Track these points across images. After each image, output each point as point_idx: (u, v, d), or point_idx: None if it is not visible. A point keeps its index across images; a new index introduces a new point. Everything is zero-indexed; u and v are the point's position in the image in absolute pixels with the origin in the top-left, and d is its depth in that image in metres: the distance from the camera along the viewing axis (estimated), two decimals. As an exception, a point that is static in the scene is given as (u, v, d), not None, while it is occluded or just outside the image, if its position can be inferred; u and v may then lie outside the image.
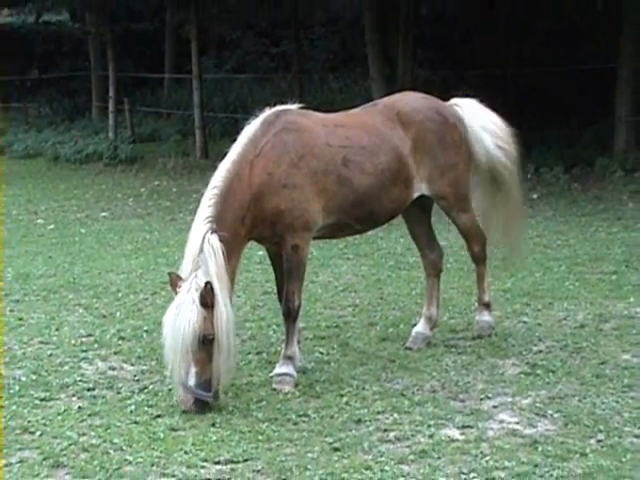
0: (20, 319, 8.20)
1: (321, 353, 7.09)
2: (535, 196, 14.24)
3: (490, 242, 7.45)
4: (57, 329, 7.89)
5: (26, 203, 15.64)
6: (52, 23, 27.37)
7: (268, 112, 6.54)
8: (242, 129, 6.52)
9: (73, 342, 7.50)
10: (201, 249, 5.98)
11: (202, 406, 5.93)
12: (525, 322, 7.76)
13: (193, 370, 5.90)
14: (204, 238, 6.00)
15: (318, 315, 8.15)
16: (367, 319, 7.98)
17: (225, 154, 6.39)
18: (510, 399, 6.07)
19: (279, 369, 6.44)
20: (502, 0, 19.66)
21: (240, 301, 8.63)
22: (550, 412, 5.80)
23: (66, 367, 6.90)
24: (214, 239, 5.99)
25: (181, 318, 5.87)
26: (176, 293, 6.01)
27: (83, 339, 7.59)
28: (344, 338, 7.47)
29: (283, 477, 5.05)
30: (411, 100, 7.25)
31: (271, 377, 6.45)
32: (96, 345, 7.44)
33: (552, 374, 6.48)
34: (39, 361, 7.03)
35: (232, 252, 6.11)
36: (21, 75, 30.15)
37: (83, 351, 7.28)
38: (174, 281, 6.06)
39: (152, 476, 5.09)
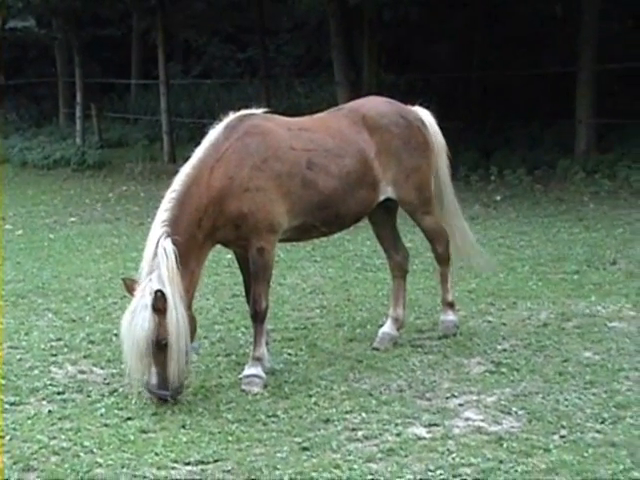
0: (-11, 325, 8.20)
1: (289, 354, 7.16)
2: (498, 198, 14.41)
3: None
4: (26, 334, 7.89)
5: (-7, 209, 15.59)
6: (18, 29, 27.18)
7: (232, 117, 6.59)
8: (208, 134, 6.58)
9: (43, 346, 7.51)
10: (155, 253, 6.06)
11: (165, 403, 6.06)
12: (490, 321, 7.86)
13: (153, 370, 6.04)
14: (158, 242, 6.07)
15: (286, 317, 8.21)
16: (334, 320, 8.05)
17: (189, 158, 6.45)
18: (475, 397, 6.15)
19: (248, 371, 6.48)
20: (463, 6, 19.87)
21: (209, 304, 8.69)
22: (514, 409, 5.89)
23: (36, 371, 6.91)
24: (167, 243, 6.06)
25: (135, 324, 5.98)
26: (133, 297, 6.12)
27: (53, 343, 7.60)
28: (312, 339, 7.53)
29: (253, 477, 5.09)
30: (376, 104, 7.34)
31: (240, 379, 6.50)
32: (66, 349, 7.45)
33: (516, 372, 6.58)
34: (8, 365, 7.03)
35: (189, 255, 6.18)
36: (-14, 81, 29.93)
37: (53, 355, 7.29)
38: (129, 286, 6.18)
39: (123, 478, 5.11)
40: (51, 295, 9.25)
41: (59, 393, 6.45)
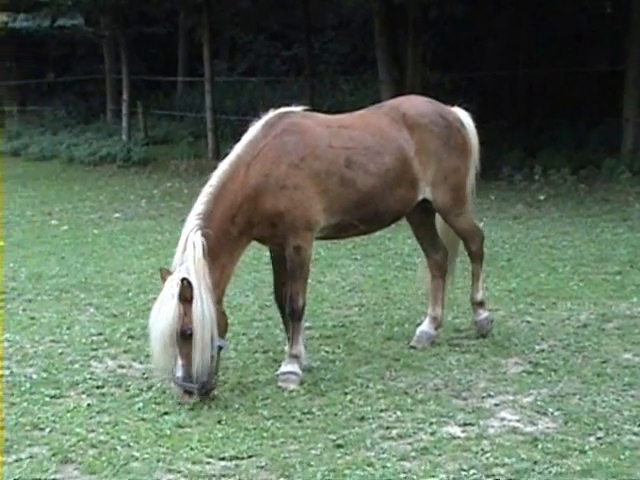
0: (32, 318, 8.31)
1: (326, 352, 7.17)
2: (542, 197, 14.31)
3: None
4: (68, 328, 7.99)
5: (40, 204, 15.77)
6: (67, 27, 27.56)
7: (271, 114, 6.60)
8: (249, 131, 6.60)
9: (84, 341, 7.60)
10: (185, 246, 6.11)
11: (192, 397, 6.06)
12: (529, 322, 7.82)
13: (179, 363, 6.04)
14: (188, 235, 6.13)
15: (325, 315, 8.23)
16: (373, 318, 8.06)
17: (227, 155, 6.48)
18: (512, 397, 6.13)
19: (285, 367, 6.51)
20: (509, 4, 19.75)
21: (248, 300, 8.75)
22: (551, 410, 5.86)
23: (76, 365, 7.00)
24: (196, 236, 6.10)
25: (162, 313, 6.03)
26: None
27: (93, 338, 7.69)
28: (350, 337, 7.54)
29: (286, 473, 5.11)
30: (416, 103, 7.32)
31: (277, 375, 6.53)
32: (106, 344, 7.54)
33: (554, 373, 6.54)
34: (50, 359, 7.14)
35: (221, 249, 6.22)
36: (37, 78, 30.40)
37: (93, 349, 7.39)
38: (164, 276, 6.21)
39: (158, 472, 5.16)
40: (93, 290, 9.36)
41: (98, 387, 6.52)
